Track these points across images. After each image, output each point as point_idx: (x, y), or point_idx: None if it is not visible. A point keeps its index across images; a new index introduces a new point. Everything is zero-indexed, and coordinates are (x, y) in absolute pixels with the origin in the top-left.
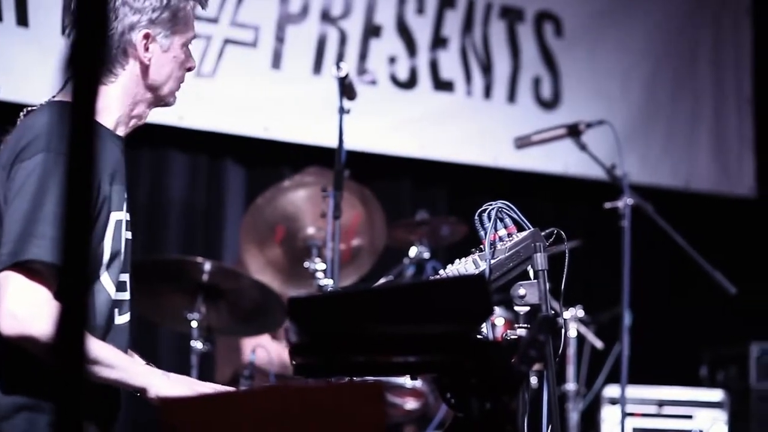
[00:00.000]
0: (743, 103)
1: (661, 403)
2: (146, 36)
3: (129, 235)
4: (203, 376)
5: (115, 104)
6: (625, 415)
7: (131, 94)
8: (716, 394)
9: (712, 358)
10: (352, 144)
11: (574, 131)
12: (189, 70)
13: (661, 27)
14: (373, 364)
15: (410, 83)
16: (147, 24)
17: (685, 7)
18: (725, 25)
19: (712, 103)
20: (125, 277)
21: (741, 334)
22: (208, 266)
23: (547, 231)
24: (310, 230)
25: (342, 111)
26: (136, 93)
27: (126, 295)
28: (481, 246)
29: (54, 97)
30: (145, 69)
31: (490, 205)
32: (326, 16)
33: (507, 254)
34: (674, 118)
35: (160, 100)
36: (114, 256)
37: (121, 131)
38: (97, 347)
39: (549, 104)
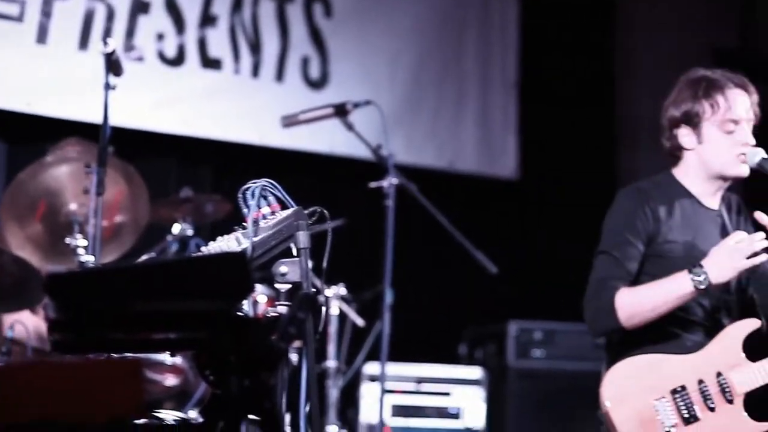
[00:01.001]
0: (508, 87)
1: (420, 381)
2: None
3: None
4: None
5: None
6: (384, 392)
7: None
8: (475, 372)
9: (471, 336)
10: (117, 120)
11: (341, 111)
12: None
13: (429, 10)
14: (132, 341)
15: (178, 60)
16: None
17: None
18: (492, 10)
19: (478, 86)
20: None
21: (500, 313)
22: None
23: (310, 210)
24: (72, 206)
25: (108, 87)
26: None
27: None
28: (245, 224)
29: None
30: None
31: (255, 183)
32: None
33: (270, 232)
34: (440, 99)
35: None
36: None
37: None
38: None
39: (317, 84)
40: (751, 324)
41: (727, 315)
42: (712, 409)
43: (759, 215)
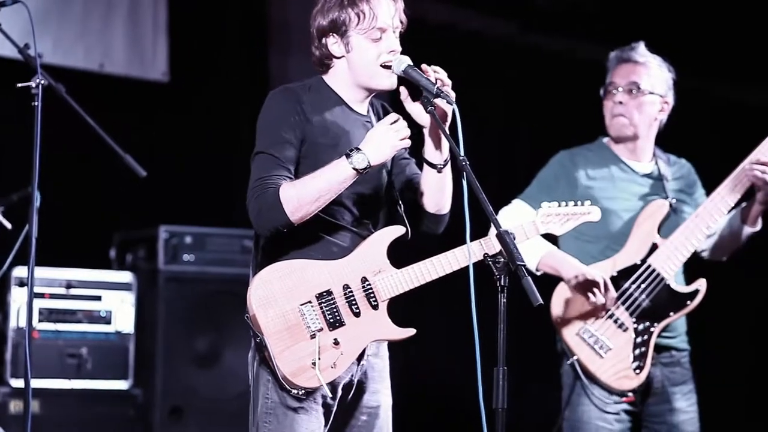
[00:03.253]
0: None
1: (70, 285)
2: None
3: None
4: None
5: None
6: (33, 296)
7: None
8: (125, 276)
9: (121, 240)
10: None
11: None
12: None
13: None
14: None
15: None
16: None
17: None
18: None
19: None
20: None
21: (150, 217)
22: None
23: None
24: None
25: None
26: None
27: None
28: None
29: None
30: None
31: None
32: None
33: None
34: (89, 0)
35: None
36: None
37: None
38: None
39: None
40: (396, 231)
41: (373, 222)
42: (357, 314)
43: (425, 67)
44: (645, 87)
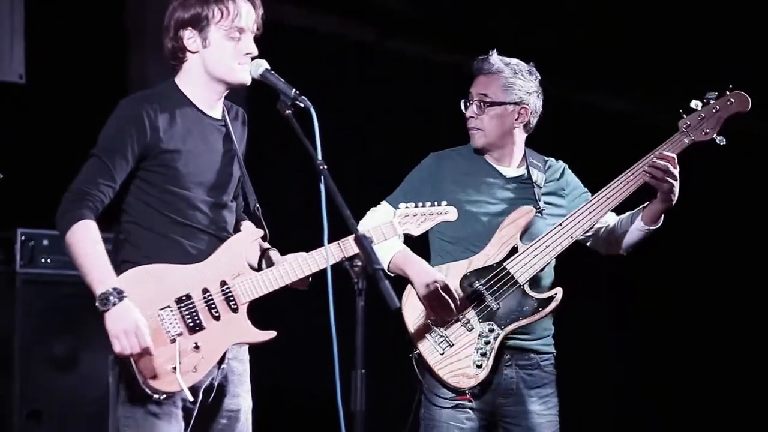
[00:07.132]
0: None
1: None
2: None
3: None
4: None
5: None
6: None
7: None
8: None
9: None
10: None
11: None
12: None
13: None
14: None
15: None
16: None
17: None
18: None
19: None
20: None
21: (7, 220)
22: None
23: None
24: None
25: None
26: None
27: None
28: None
29: None
30: None
31: None
32: None
33: None
34: None
35: None
36: None
37: None
38: None
39: None
40: (254, 233)
41: (231, 224)
42: (217, 318)
43: None
44: (494, 98)
